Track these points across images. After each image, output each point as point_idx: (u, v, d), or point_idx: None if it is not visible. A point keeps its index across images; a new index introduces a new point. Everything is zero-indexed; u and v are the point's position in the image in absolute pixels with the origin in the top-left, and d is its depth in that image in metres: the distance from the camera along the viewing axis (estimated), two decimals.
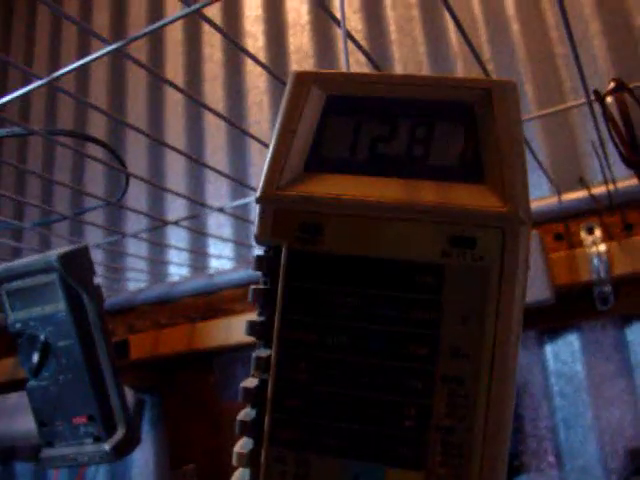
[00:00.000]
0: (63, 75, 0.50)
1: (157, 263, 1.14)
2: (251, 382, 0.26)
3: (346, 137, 0.27)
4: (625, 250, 0.82)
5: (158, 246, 1.14)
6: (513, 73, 0.98)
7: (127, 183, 0.62)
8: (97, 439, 0.71)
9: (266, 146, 0.28)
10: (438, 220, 0.25)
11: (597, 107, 0.63)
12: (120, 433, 0.72)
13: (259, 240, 0.27)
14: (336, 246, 0.25)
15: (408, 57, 1.06)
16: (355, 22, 1.12)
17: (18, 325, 0.70)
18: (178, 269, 1.12)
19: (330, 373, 0.25)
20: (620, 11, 0.94)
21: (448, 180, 0.25)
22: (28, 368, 0.70)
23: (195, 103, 1.12)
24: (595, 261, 0.81)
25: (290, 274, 0.26)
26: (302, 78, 0.27)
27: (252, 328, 0.26)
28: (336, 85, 0.27)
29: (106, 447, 0.71)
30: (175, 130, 1.26)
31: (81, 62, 0.49)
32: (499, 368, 0.24)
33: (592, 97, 0.56)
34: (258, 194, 0.26)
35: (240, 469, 0.27)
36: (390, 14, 1.10)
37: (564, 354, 0.91)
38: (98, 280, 0.75)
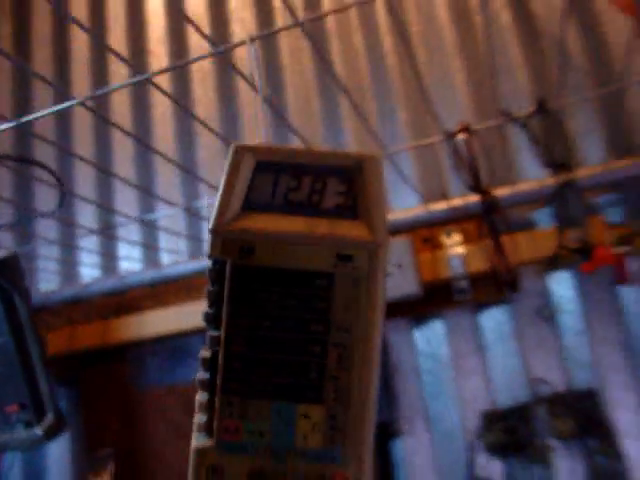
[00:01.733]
0: None
1: (69, 264, 1.21)
2: (206, 354, 0.39)
3: (269, 188, 0.40)
4: (479, 251, 1.00)
5: (68, 247, 1.22)
6: (391, 104, 1.15)
7: (62, 201, 0.70)
8: (28, 425, 0.78)
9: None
10: (329, 244, 0.38)
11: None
12: (50, 418, 0.78)
13: (211, 257, 0.39)
14: (264, 261, 0.38)
15: (299, 83, 1.21)
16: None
17: None
18: (90, 270, 1.20)
19: (260, 345, 0.38)
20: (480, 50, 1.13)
21: (335, 218, 0.39)
22: None
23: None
24: (454, 260, 0.98)
25: (233, 280, 0.38)
26: (239, 149, 0.39)
27: (207, 317, 0.39)
28: (263, 154, 0.40)
29: (38, 432, 0.77)
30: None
31: None
32: (369, 338, 0.38)
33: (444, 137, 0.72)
34: (210, 227, 0.39)
35: (199, 414, 0.39)
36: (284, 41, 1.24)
37: (430, 337, 1.08)
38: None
